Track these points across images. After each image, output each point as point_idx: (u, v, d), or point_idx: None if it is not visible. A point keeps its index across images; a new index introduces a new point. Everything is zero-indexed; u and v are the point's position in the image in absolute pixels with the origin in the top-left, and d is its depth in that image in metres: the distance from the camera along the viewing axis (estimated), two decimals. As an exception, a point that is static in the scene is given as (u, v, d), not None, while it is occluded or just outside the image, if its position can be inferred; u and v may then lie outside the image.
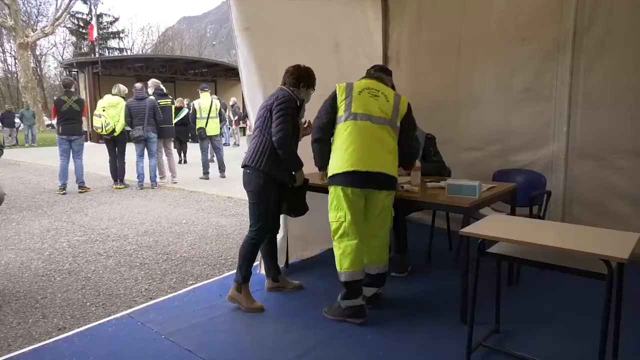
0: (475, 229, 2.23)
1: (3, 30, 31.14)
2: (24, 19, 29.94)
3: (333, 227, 2.74)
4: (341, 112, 2.73)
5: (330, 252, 4.01)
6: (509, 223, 2.43)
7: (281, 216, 3.28)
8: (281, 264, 3.50)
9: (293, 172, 2.97)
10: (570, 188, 3.92)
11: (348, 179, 2.64)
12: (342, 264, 2.71)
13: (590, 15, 3.67)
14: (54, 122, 7.85)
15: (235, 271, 3.05)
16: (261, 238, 3.00)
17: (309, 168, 3.05)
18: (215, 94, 16.08)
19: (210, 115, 8.63)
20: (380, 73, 2.95)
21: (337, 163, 2.68)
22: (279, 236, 3.34)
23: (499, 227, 2.28)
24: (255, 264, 3.07)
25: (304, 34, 3.67)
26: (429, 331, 2.67)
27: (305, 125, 3.12)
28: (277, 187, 2.94)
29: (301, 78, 2.93)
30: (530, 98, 4.07)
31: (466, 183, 2.83)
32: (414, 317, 2.85)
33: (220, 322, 2.85)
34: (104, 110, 7.58)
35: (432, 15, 4.64)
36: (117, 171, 7.95)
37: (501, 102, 4.26)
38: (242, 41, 3.17)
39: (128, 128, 7.63)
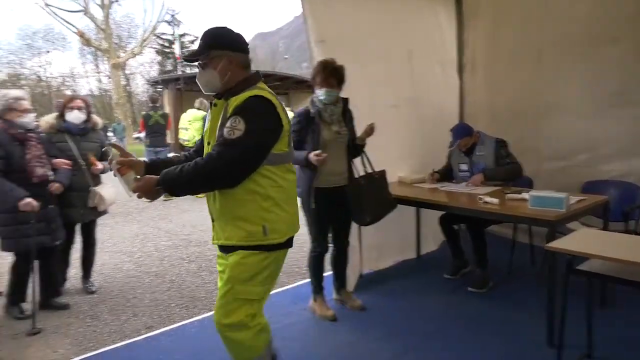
0: (563, 244, 2.09)
1: (98, 53, 34.34)
2: (116, 41, 32.74)
3: (255, 308, 1.89)
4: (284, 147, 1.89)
5: (403, 264, 3.98)
6: (601, 238, 2.25)
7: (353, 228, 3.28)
8: (357, 274, 3.51)
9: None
10: (672, 201, 3.55)
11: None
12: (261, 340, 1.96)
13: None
14: (142, 135, 8.43)
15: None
16: (318, 250, 3.00)
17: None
18: (288, 106, 16.61)
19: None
20: None
21: (292, 224, 1.94)
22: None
23: (590, 242, 2.12)
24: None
25: (377, 44, 3.69)
26: (512, 352, 2.53)
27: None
28: (318, 200, 2.84)
29: None
30: (623, 102, 3.75)
31: (551, 195, 2.66)
32: (494, 336, 2.71)
33: (295, 329, 2.91)
34: (190, 124, 7.97)
35: (509, 19, 4.43)
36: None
37: (588, 107, 3.95)
38: (318, 53, 3.25)
39: None
